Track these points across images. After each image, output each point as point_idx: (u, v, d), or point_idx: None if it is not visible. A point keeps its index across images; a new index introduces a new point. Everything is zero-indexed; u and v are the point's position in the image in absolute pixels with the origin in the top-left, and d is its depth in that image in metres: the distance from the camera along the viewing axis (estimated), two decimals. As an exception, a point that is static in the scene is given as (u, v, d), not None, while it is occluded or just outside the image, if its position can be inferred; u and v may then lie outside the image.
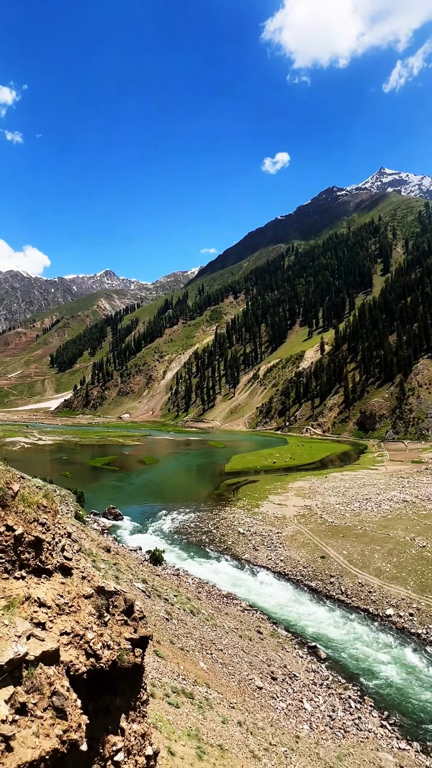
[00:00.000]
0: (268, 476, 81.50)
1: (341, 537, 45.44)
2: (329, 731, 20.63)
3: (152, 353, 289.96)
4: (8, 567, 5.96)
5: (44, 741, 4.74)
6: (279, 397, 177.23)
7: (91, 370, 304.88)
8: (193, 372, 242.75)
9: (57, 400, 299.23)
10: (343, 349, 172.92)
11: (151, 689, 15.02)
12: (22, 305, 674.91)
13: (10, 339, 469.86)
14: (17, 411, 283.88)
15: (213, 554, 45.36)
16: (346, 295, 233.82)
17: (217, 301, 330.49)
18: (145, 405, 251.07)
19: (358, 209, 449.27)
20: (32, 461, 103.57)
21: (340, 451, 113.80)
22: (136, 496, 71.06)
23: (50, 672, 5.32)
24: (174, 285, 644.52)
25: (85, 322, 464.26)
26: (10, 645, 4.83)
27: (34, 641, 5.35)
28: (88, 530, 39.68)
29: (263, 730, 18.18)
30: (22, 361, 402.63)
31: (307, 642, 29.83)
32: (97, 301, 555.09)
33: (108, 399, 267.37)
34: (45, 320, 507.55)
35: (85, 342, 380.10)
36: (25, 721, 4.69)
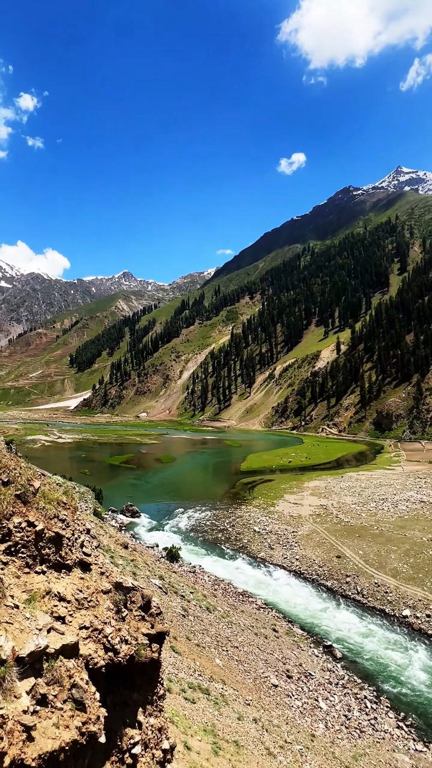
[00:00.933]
0: (283, 475, 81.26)
1: (357, 537, 45.10)
2: (345, 731, 20.56)
3: (169, 353, 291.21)
4: (29, 562, 6.15)
5: (64, 732, 4.88)
6: (295, 397, 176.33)
7: (110, 369, 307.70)
8: (209, 372, 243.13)
9: (76, 400, 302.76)
10: (360, 349, 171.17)
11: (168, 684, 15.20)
12: (42, 306, 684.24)
13: (31, 339, 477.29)
14: (38, 410, 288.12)
15: (229, 552, 45.47)
16: (362, 295, 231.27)
17: (233, 301, 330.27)
18: (162, 404, 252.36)
19: (375, 208, 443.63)
20: (52, 459, 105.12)
21: (356, 450, 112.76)
22: (153, 494, 71.56)
23: (70, 665, 5.46)
24: (190, 286, 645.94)
25: (103, 323, 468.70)
26: (31, 637, 4.98)
27: (54, 634, 5.51)
28: (106, 527, 40.15)
29: (278, 727, 18.22)
30: (43, 361, 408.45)
31: (322, 641, 29.73)
32: (115, 302, 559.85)
33: (126, 398, 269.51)
34: (65, 321, 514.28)
35: (103, 342, 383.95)
36: (45, 713, 4.84)
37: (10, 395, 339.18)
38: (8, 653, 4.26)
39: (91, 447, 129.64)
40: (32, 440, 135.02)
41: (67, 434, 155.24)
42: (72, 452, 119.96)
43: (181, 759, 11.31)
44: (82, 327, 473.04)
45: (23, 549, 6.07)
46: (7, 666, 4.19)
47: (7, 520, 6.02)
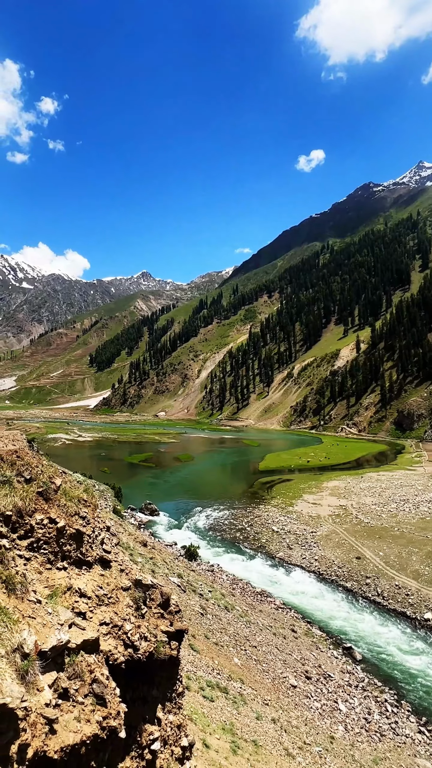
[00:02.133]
0: (302, 475, 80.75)
1: (377, 538, 44.52)
2: (365, 734, 20.33)
3: (187, 352, 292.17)
4: (51, 558, 6.25)
5: (85, 726, 4.95)
6: (314, 396, 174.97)
7: (129, 369, 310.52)
8: (228, 371, 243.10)
9: (96, 399, 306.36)
10: (380, 348, 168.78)
11: (187, 682, 15.26)
12: (63, 307, 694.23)
13: (52, 339, 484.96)
14: (58, 408, 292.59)
15: (247, 551, 45.42)
16: (382, 293, 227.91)
17: (252, 300, 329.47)
18: (180, 403, 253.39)
19: (396, 204, 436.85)
20: (73, 457, 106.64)
21: (377, 450, 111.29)
22: (171, 492, 71.94)
23: (91, 660, 5.53)
24: (209, 285, 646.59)
25: (122, 323, 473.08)
26: (53, 632, 5.06)
27: (75, 630, 5.59)
28: (125, 525, 40.52)
29: (297, 728, 18.13)
30: (63, 360, 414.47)
31: (342, 642, 29.46)
32: (134, 302, 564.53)
33: (144, 397, 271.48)
34: (85, 321, 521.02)
35: (122, 342, 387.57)
36: (67, 706, 4.92)
37: (32, 394, 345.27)
38: (31, 647, 4.33)
39: (111, 445, 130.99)
40: (53, 438, 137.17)
41: (87, 433, 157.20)
42: (92, 450, 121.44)
43: (200, 757, 11.35)
44: (101, 327, 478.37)
45: (45, 545, 6.18)
46: (31, 660, 4.26)
47: (29, 516, 6.13)
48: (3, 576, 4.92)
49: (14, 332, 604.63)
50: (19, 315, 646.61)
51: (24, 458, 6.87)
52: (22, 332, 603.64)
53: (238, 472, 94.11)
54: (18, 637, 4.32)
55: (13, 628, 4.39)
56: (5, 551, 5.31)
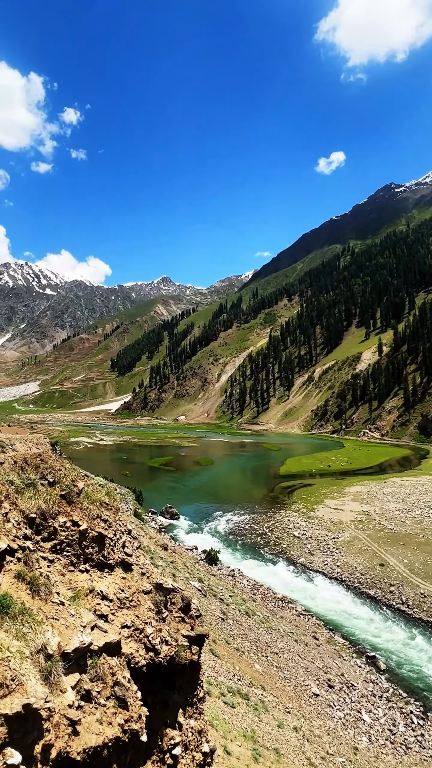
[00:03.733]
0: (323, 480, 79.83)
1: (401, 545, 43.63)
2: (389, 746, 19.87)
3: (207, 356, 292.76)
4: (74, 560, 6.32)
5: (107, 728, 4.98)
6: (335, 400, 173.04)
7: (149, 373, 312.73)
8: (248, 375, 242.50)
9: (117, 403, 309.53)
10: (403, 350, 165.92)
11: (208, 687, 15.19)
12: (85, 312, 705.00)
13: (74, 345, 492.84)
14: (81, 413, 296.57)
15: (268, 556, 45.07)
16: (405, 295, 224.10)
17: (271, 303, 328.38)
18: (200, 407, 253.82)
19: (419, 205, 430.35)
20: (94, 460, 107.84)
21: (400, 455, 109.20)
22: (191, 496, 72.01)
23: (112, 663, 5.57)
24: (228, 289, 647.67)
25: (143, 328, 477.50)
26: (76, 634, 5.11)
27: (97, 632, 5.64)
28: (146, 528, 40.73)
29: (320, 738, 17.84)
30: (85, 365, 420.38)
31: (365, 651, 28.90)
32: (155, 307, 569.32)
33: (165, 401, 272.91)
34: (106, 326, 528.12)
35: (143, 346, 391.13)
36: (90, 708, 4.95)
37: (55, 398, 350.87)
38: (54, 648, 4.38)
39: (132, 449, 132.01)
40: (75, 442, 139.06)
41: (108, 436, 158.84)
42: (113, 454, 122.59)
43: (221, 763, 11.27)
44: (122, 332, 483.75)
45: (68, 548, 6.25)
46: (54, 661, 4.31)
47: (52, 519, 6.22)
48: (27, 577, 4.99)
49: (38, 338, 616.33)
50: (43, 321, 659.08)
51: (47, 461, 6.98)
52: (46, 338, 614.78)
53: (258, 476, 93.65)
54: (42, 638, 4.38)
55: (37, 629, 4.46)
56: (30, 553, 5.39)
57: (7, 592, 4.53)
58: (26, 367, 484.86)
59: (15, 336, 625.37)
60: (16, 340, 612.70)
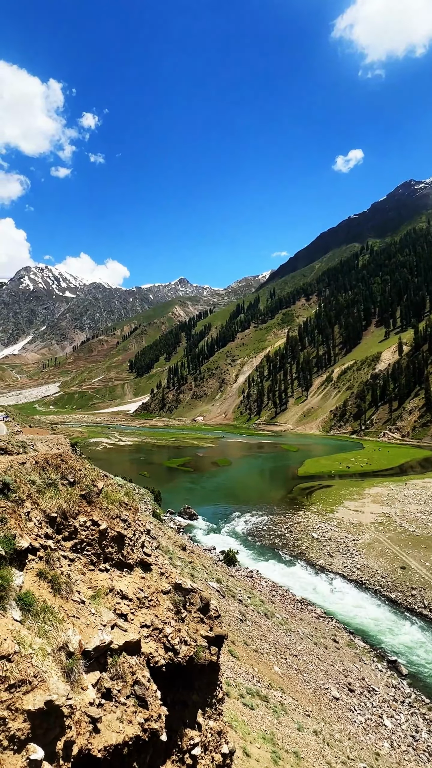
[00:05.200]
0: (343, 481, 79.01)
1: (424, 547, 42.87)
2: (412, 752, 19.53)
3: (224, 357, 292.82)
4: (94, 559, 6.39)
5: (128, 727, 5.01)
6: (354, 400, 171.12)
7: (167, 374, 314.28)
8: (265, 375, 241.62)
9: (135, 404, 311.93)
10: (424, 350, 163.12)
11: (227, 688, 15.17)
12: (103, 314, 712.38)
13: (93, 346, 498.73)
14: (100, 413, 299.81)
15: (286, 558, 44.80)
16: (426, 293, 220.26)
17: (289, 304, 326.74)
18: (218, 408, 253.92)
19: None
20: (113, 461, 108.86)
21: (421, 456, 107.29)
22: (209, 496, 72.06)
23: (132, 662, 5.60)
24: (245, 290, 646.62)
25: (161, 329, 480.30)
26: (96, 632, 5.16)
27: (117, 631, 5.68)
28: (165, 528, 40.91)
29: (340, 742, 17.64)
30: (104, 366, 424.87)
31: (386, 655, 28.48)
32: (172, 308, 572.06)
33: (182, 402, 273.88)
34: (124, 328, 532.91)
35: (161, 348, 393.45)
36: (110, 706, 4.99)
37: (75, 399, 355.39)
38: (75, 646, 4.43)
39: (150, 450, 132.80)
40: (95, 443, 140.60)
41: (127, 437, 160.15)
42: (132, 455, 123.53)
43: (240, 765, 11.24)
44: (140, 333, 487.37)
45: (88, 547, 6.32)
46: (75, 658, 4.36)
47: (73, 518, 6.29)
48: (49, 576, 5.06)
49: (58, 340, 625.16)
50: (62, 323, 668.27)
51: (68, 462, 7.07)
52: (65, 339, 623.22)
53: (276, 477, 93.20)
54: (63, 636, 4.44)
55: (59, 627, 4.51)
56: (51, 552, 5.47)
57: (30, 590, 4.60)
58: (46, 368, 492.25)
59: (36, 338, 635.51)
60: (36, 343, 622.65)
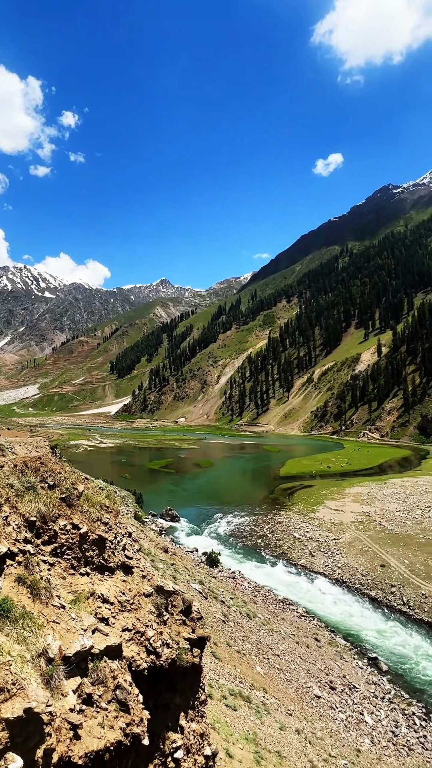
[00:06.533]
0: (323, 481, 79.78)
1: (402, 545, 43.59)
2: (392, 747, 19.82)
3: (206, 358, 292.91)
4: (74, 563, 6.31)
5: (109, 732, 4.95)
6: (334, 401, 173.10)
7: (148, 375, 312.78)
8: (247, 376, 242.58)
9: (116, 405, 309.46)
10: (402, 351, 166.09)
11: (209, 690, 15.15)
12: (84, 315, 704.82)
13: (73, 347, 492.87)
14: (80, 415, 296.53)
15: (268, 558, 45.00)
16: (404, 295, 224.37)
17: (270, 305, 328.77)
18: (200, 409, 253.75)
19: (417, 206, 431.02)
20: (94, 463, 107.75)
21: (400, 456, 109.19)
22: (192, 498, 71.92)
23: (114, 666, 5.54)
24: (227, 291, 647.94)
25: (142, 330, 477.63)
26: (77, 637, 5.10)
27: (98, 635, 5.61)
28: (146, 530, 40.67)
29: (322, 740, 17.79)
30: (85, 368, 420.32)
31: (366, 653, 28.85)
32: (153, 309, 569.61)
33: (164, 403, 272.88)
34: (105, 329, 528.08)
35: (142, 349, 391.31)
36: (91, 712, 4.93)
37: (55, 401, 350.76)
38: (56, 652, 4.37)
39: (132, 452, 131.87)
40: (75, 445, 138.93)
41: (108, 439, 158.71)
42: (113, 457, 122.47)
43: (223, 767, 11.23)
44: (121, 334, 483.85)
45: (68, 551, 6.24)
46: (55, 664, 4.30)
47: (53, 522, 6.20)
48: (28, 581, 4.98)
49: (37, 341, 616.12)
50: (42, 324, 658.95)
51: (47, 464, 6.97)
52: (45, 341, 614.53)
53: (258, 478, 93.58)
54: (43, 642, 4.37)
55: (38, 633, 4.44)
56: (30, 556, 5.38)
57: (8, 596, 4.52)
58: (25, 370, 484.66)
59: (14, 339, 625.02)
60: (15, 344, 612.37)
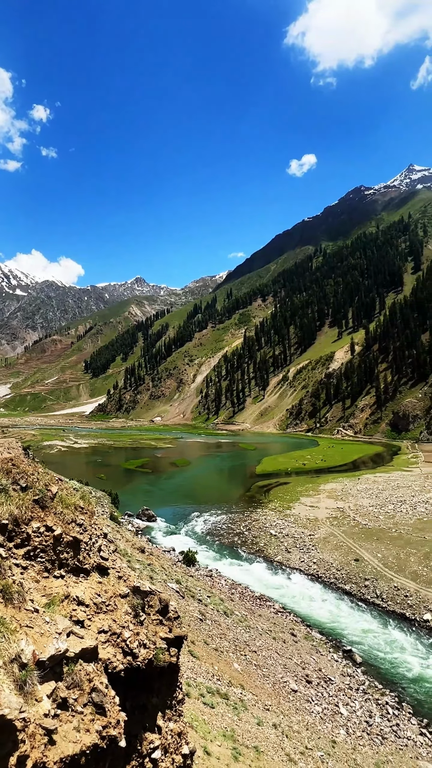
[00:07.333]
0: (299, 478, 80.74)
1: (375, 540, 44.55)
2: (366, 737, 20.25)
3: (182, 357, 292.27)
4: (48, 566, 6.20)
5: (85, 736, 4.90)
6: (309, 399, 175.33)
7: (124, 374, 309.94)
8: (223, 375, 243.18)
9: (91, 405, 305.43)
10: (374, 350, 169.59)
11: (187, 689, 15.16)
12: (57, 313, 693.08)
13: (46, 346, 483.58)
14: (54, 415, 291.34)
15: (245, 556, 45.29)
16: (376, 295, 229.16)
17: (246, 304, 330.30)
18: (176, 408, 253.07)
19: (387, 208, 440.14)
20: (69, 464, 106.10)
21: (373, 452, 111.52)
22: (168, 497, 71.70)
23: (89, 669, 5.48)
24: (203, 290, 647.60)
25: (117, 329, 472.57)
26: (51, 641, 5.02)
27: (73, 638, 5.54)
28: (122, 531, 40.33)
29: (299, 733, 18.04)
30: (58, 367, 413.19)
31: (342, 645, 29.40)
32: (129, 308, 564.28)
33: (140, 403, 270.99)
34: (79, 327, 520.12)
35: (117, 348, 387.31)
36: (66, 716, 4.86)
37: (27, 401, 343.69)
38: (29, 657, 4.29)
39: (107, 452, 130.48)
40: (49, 446, 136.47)
41: (82, 439, 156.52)
42: (88, 457, 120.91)
43: (201, 764, 11.26)
44: (96, 333, 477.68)
45: (42, 553, 6.13)
46: (29, 670, 4.22)
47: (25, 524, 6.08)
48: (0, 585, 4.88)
49: (8, 339, 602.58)
50: (13, 322, 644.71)
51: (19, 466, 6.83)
52: (16, 339, 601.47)
53: (235, 476, 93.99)
54: (15, 647, 4.28)
55: (11, 638, 4.35)
56: (2, 560, 5.27)
57: (-21, 601, 4.41)
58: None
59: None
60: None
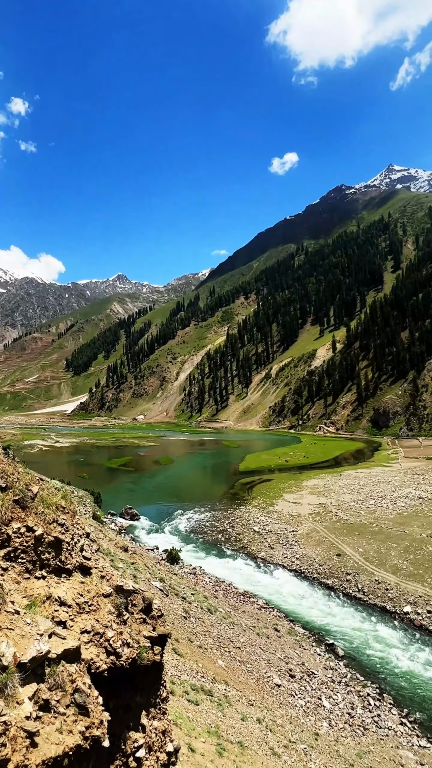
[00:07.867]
0: (282, 475, 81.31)
1: (357, 534, 45.19)
2: (348, 729, 20.58)
3: (165, 355, 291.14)
4: (29, 567, 6.12)
5: (68, 737, 4.85)
6: (292, 396, 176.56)
7: (106, 372, 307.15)
8: (206, 373, 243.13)
9: (73, 403, 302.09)
10: (355, 347, 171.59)
11: (171, 687, 15.16)
12: (37, 311, 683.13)
13: (26, 344, 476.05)
14: (35, 414, 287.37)
15: (229, 553, 45.46)
16: (357, 293, 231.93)
17: (228, 302, 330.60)
18: (159, 406, 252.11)
19: (368, 207, 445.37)
20: (50, 463, 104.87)
21: (354, 448, 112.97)
22: (152, 496, 71.47)
23: (72, 669, 5.43)
24: (185, 287, 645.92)
25: (98, 326, 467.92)
26: (32, 643, 4.95)
27: (55, 639, 5.48)
28: (105, 530, 40.08)
29: (282, 727, 18.22)
30: (39, 365, 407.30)
31: (324, 640, 29.77)
32: (110, 305, 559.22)
33: (123, 401, 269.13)
34: (60, 325, 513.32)
35: (99, 345, 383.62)
36: (48, 718, 4.81)
37: (7, 400, 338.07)
38: (10, 659, 4.23)
39: (89, 451, 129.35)
40: (29, 445, 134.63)
41: (64, 438, 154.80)
42: (70, 456, 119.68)
43: (186, 761, 11.29)
44: (77, 330, 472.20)
45: (23, 554, 6.04)
46: (9, 672, 4.16)
47: (5, 525, 5.99)
48: (-21, 588, 4.79)
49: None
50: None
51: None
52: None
53: (218, 473, 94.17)
54: (-4, 650, 4.22)
55: (-9, 641, 4.29)
56: (-19, 562, 5.17)
57: (-42, 604, 4.33)
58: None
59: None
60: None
